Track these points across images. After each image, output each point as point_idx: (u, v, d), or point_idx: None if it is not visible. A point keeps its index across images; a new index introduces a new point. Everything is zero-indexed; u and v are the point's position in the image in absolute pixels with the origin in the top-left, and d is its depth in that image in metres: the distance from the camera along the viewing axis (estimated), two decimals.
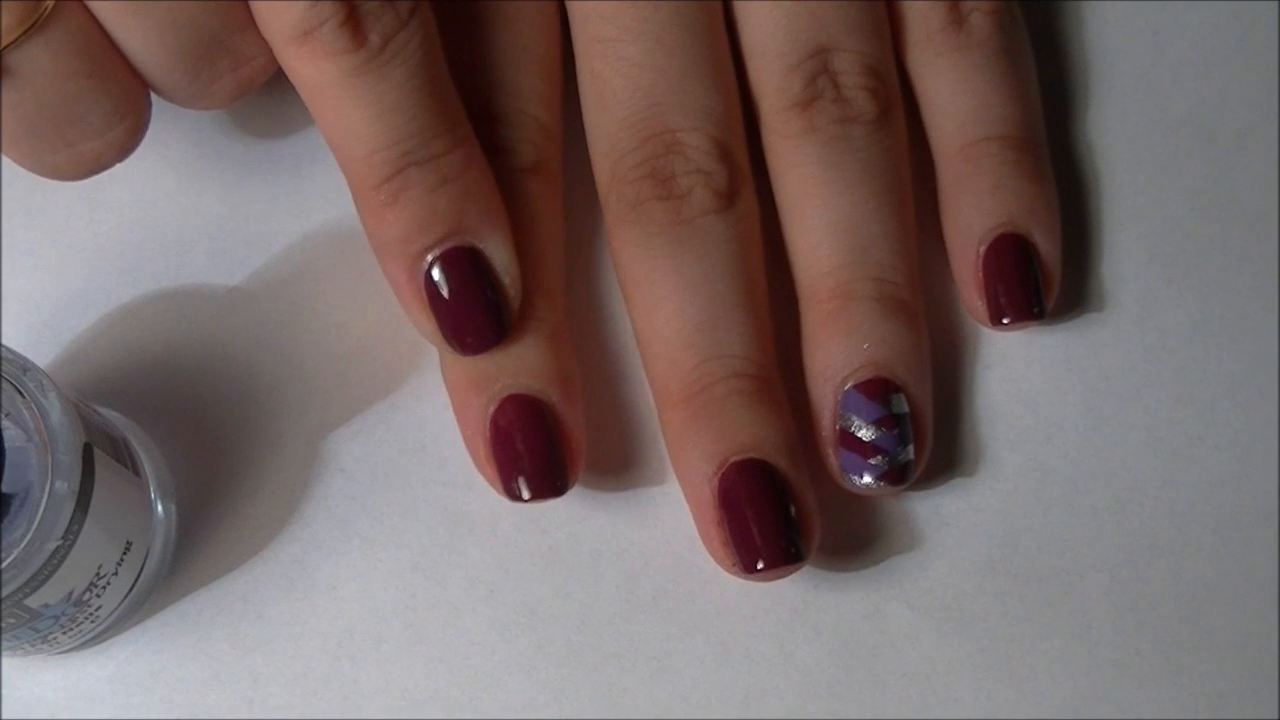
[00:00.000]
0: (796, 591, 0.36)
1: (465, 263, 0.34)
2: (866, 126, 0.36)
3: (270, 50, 0.33)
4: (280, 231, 0.38)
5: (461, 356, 0.35)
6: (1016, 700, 0.36)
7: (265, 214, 0.39)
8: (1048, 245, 0.37)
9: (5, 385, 0.31)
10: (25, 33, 0.31)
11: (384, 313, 0.38)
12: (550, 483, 0.35)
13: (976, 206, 0.37)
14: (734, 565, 0.35)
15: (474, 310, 0.34)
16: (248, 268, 0.38)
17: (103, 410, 0.35)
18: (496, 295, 0.34)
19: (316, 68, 0.32)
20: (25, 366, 0.32)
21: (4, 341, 0.34)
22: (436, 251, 0.34)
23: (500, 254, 0.34)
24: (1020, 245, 0.37)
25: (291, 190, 0.39)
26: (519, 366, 0.35)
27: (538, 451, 0.35)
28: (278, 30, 0.32)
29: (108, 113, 0.32)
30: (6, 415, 0.31)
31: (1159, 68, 0.40)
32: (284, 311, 0.38)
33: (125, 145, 0.33)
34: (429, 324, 0.34)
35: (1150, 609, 0.37)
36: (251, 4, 0.32)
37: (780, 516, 0.34)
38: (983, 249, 0.37)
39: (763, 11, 0.36)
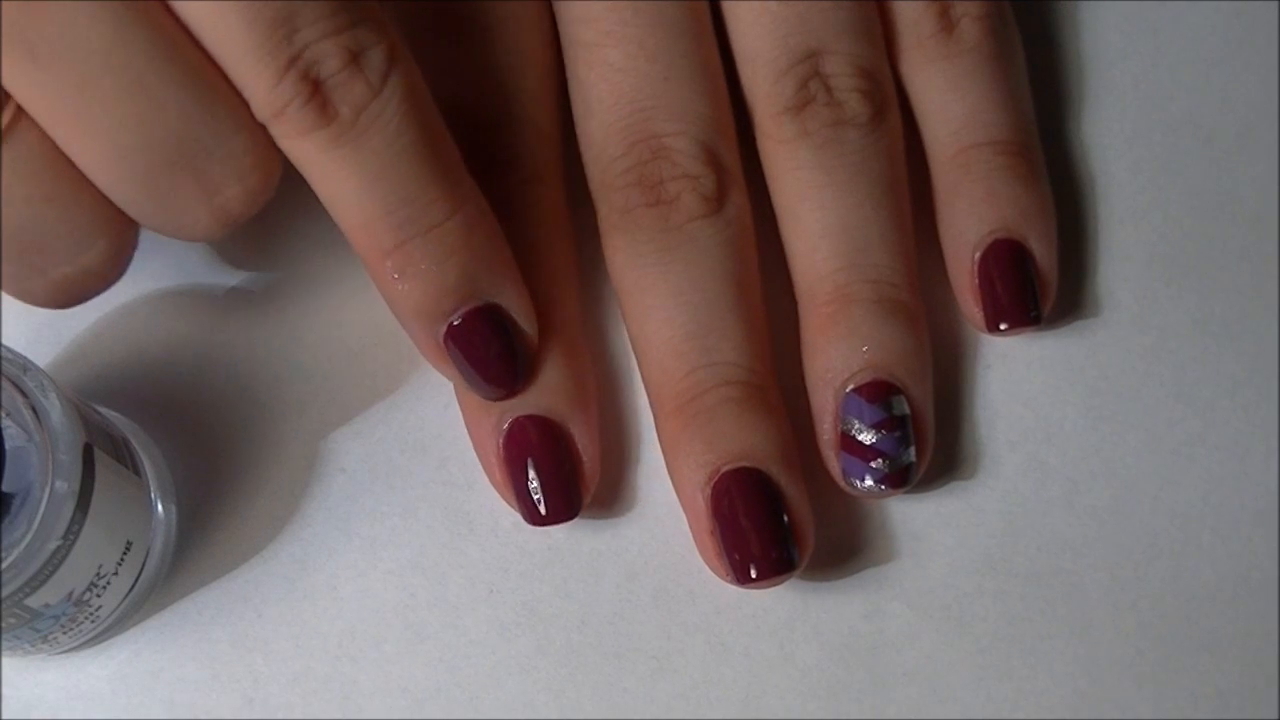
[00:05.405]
0: (796, 591, 0.36)
1: (483, 321, 0.34)
2: (860, 129, 0.36)
3: (245, 181, 0.31)
4: (280, 231, 0.38)
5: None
6: (1016, 700, 0.36)
7: (265, 214, 0.38)
8: (1043, 250, 0.37)
9: (5, 385, 0.31)
10: None
11: (384, 313, 0.38)
12: (563, 508, 0.35)
13: (970, 213, 0.37)
14: (727, 575, 0.35)
15: (496, 363, 0.34)
16: (248, 268, 0.38)
17: (103, 410, 0.35)
18: (517, 344, 0.34)
19: (294, 144, 0.31)
20: (25, 366, 0.32)
21: (4, 341, 0.33)
22: (454, 318, 0.33)
23: (516, 304, 0.34)
24: (1015, 251, 0.37)
25: (291, 190, 0.39)
26: (532, 385, 0.35)
27: (549, 476, 0.35)
28: (255, 111, 0.30)
29: (75, 239, 0.30)
30: (6, 415, 0.31)
31: (1159, 68, 0.40)
32: (284, 311, 0.38)
33: (106, 269, 0.31)
34: (453, 376, 0.34)
35: (1150, 609, 0.37)
36: (230, 75, 0.30)
37: (773, 526, 0.34)
38: (977, 255, 0.37)
39: (751, 15, 0.36)
